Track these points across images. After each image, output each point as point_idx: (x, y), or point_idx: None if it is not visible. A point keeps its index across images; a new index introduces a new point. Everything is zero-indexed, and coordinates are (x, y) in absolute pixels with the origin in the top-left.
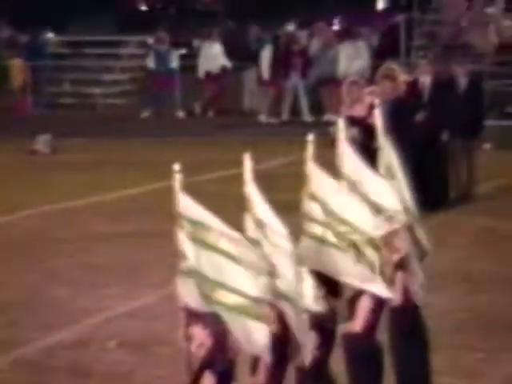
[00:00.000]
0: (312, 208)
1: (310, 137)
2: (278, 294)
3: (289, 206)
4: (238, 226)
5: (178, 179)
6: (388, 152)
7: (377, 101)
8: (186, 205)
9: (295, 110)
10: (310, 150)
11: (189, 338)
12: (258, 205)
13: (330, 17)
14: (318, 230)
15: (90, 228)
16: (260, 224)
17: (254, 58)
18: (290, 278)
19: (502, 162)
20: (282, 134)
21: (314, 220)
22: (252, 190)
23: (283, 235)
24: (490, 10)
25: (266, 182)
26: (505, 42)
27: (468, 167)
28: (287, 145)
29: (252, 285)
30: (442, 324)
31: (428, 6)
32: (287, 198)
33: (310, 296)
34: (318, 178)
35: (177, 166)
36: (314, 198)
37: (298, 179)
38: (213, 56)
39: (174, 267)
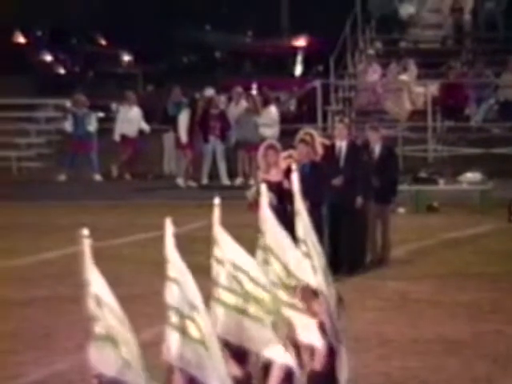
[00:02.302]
0: (219, 272)
1: (217, 200)
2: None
3: (205, 269)
4: (152, 289)
5: (86, 244)
6: (304, 216)
7: (294, 165)
8: (93, 276)
9: (213, 174)
10: (217, 213)
11: None
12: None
13: (248, 82)
14: (224, 296)
15: (3, 294)
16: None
17: (172, 122)
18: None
19: (415, 227)
20: (201, 198)
21: (220, 285)
22: (173, 254)
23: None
24: (403, 77)
25: (184, 245)
26: (417, 108)
27: (382, 232)
28: (205, 208)
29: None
30: None
31: (344, 72)
32: (204, 262)
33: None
34: (224, 242)
35: (85, 231)
36: (220, 262)
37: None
38: (130, 119)
39: (88, 333)
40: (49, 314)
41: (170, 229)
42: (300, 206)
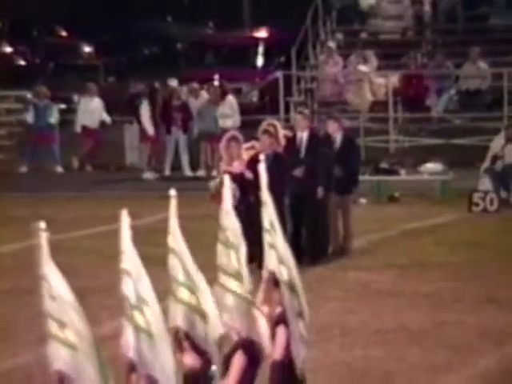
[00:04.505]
0: (173, 264)
1: (173, 192)
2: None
3: (165, 261)
4: (113, 282)
5: (43, 237)
6: (270, 207)
7: (261, 156)
8: (49, 270)
9: (175, 165)
10: (173, 204)
11: None
12: (133, 261)
13: (210, 73)
14: (181, 291)
15: None
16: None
17: (135, 113)
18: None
19: (377, 217)
20: (163, 189)
21: (175, 279)
22: (128, 246)
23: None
24: (363, 69)
25: (145, 236)
26: (378, 99)
27: (344, 222)
28: (167, 199)
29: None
30: (318, 378)
31: (306, 63)
32: (164, 254)
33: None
34: (177, 235)
35: (42, 224)
36: (174, 252)
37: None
38: (91, 111)
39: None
40: (9, 307)
41: (126, 220)
42: (266, 196)
